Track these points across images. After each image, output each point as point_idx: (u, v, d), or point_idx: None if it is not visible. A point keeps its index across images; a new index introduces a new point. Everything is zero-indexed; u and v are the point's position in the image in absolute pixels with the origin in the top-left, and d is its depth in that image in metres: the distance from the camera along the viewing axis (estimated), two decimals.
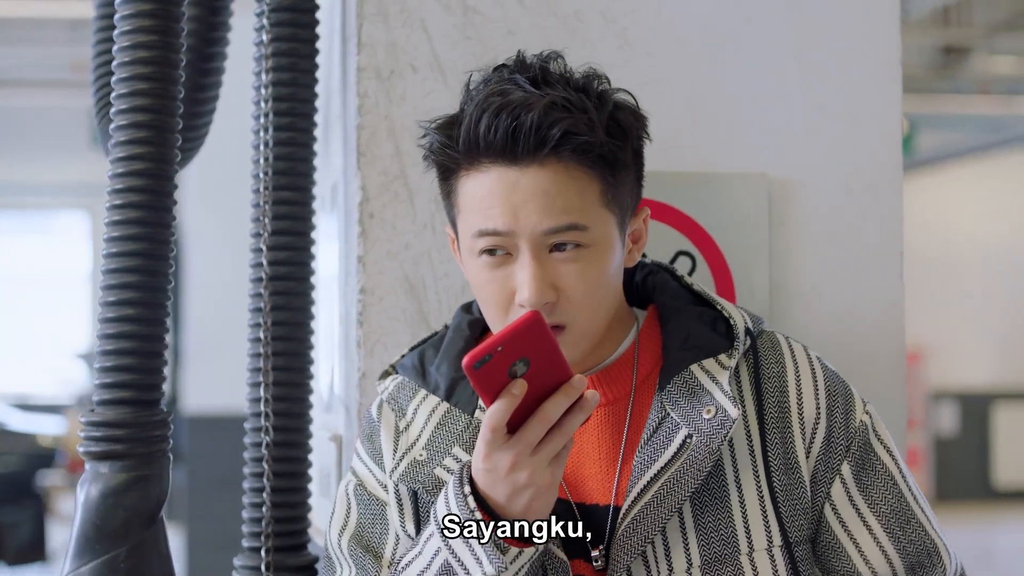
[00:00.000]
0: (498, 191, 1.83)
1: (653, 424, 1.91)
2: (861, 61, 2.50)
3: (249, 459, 2.44)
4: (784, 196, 2.44)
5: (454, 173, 1.89)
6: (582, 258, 1.86)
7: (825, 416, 1.94)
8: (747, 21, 2.46)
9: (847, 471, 1.93)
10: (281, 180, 2.40)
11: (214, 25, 2.61)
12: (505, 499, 1.73)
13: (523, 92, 1.83)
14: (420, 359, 2.04)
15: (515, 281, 1.85)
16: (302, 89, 2.42)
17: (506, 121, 1.81)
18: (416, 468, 1.93)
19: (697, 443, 1.86)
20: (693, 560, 1.87)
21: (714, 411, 1.87)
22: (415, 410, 2.00)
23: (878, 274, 2.49)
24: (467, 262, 1.92)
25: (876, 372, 2.47)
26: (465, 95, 1.90)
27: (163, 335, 2.25)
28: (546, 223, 1.83)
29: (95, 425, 2.21)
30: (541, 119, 1.80)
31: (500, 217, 1.83)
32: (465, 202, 1.88)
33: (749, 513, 1.89)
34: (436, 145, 1.89)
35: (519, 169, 1.83)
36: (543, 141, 1.81)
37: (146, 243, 2.22)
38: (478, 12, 2.38)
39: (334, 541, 2.02)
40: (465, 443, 1.94)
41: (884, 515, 1.93)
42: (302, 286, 2.42)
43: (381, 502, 2.00)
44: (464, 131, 1.84)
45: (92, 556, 2.18)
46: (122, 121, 2.22)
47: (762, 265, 2.41)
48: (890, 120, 2.50)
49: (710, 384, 1.91)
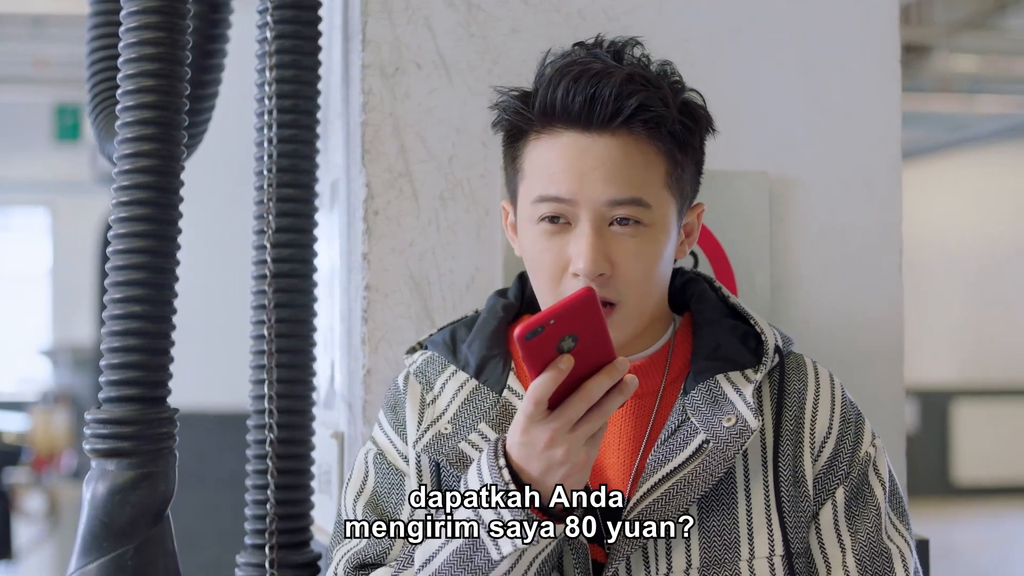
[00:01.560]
0: (566, 156, 1.86)
1: (672, 426, 1.93)
2: (860, 60, 2.52)
3: (252, 456, 2.43)
4: (785, 194, 2.45)
5: (523, 136, 1.92)
6: (640, 236, 1.88)
7: (835, 439, 1.97)
8: (748, 21, 2.48)
9: (840, 496, 1.96)
10: (284, 178, 2.40)
11: (215, 22, 2.61)
12: (539, 474, 1.73)
13: (602, 63, 1.87)
14: (451, 336, 2.06)
15: (571, 251, 1.87)
16: (305, 87, 2.42)
17: (585, 88, 1.84)
18: (440, 440, 1.94)
19: (713, 449, 1.88)
20: (693, 561, 1.88)
21: (734, 420, 1.90)
22: (443, 384, 2.01)
23: (877, 270, 2.51)
24: (524, 230, 1.93)
25: (875, 367, 2.49)
26: (541, 66, 1.93)
27: (169, 332, 2.25)
28: (610, 193, 1.85)
29: (101, 423, 2.21)
30: (620, 89, 1.84)
31: (565, 183, 1.86)
32: (531, 166, 1.90)
33: (754, 520, 1.91)
34: (510, 107, 1.92)
35: (590, 137, 1.86)
36: (619, 111, 1.84)
37: (153, 240, 2.22)
38: (482, 9, 2.38)
39: (349, 506, 2.02)
40: (492, 420, 1.95)
41: (860, 544, 1.95)
42: (305, 283, 2.42)
43: (400, 472, 2.00)
44: (541, 95, 1.87)
45: (99, 553, 2.18)
46: (129, 118, 2.22)
47: (763, 262, 2.43)
48: (889, 119, 2.53)
49: (733, 395, 1.93)
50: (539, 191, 1.88)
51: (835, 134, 2.50)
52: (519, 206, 1.94)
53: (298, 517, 2.42)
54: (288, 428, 2.40)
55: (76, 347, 11.91)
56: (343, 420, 2.51)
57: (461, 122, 2.37)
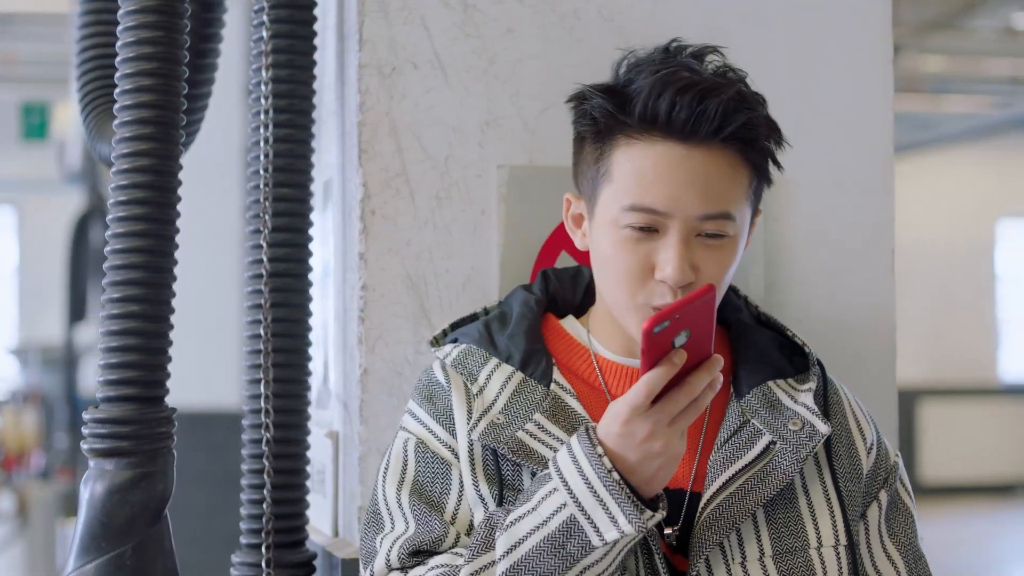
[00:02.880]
0: (663, 167, 1.89)
1: (732, 426, 1.99)
2: (853, 61, 2.53)
3: (248, 456, 2.44)
4: (778, 193, 2.46)
5: (611, 137, 1.93)
6: (724, 246, 1.93)
7: (876, 446, 2.08)
8: (740, 22, 2.49)
9: (883, 499, 2.06)
10: (280, 177, 2.40)
11: (209, 21, 2.61)
12: (635, 464, 1.77)
13: (704, 76, 1.90)
14: (486, 329, 2.07)
15: (657, 257, 1.90)
16: (301, 87, 2.43)
17: (692, 102, 1.87)
18: (496, 430, 1.95)
19: (782, 450, 1.95)
20: (765, 550, 1.94)
21: (801, 424, 1.97)
22: (488, 376, 2.02)
23: (869, 269, 2.53)
24: (604, 231, 1.95)
25: (867, 366, 2.51)
26: (626, 67, 1.95)
27: (167, 332, 2.25)
28: (703, 208, 1.89)
29: (100, 422, 2.20)
30: (727, 106, 1.87)
31: (660, 195, 1.89)
32: (622, 171, 1.92)
33: (817, 513, 1.98)
34: (603, 108, 1.93)
35: (686, 149, 1.89)
36: (722, 127, 1.88)
37: (151, 240, 2.21)
38: (478, 9, 2.39)
39: (391, 495, 2.00)
40: (546, 411, 1.97)
41: (903, 546, 2.06)
42: (301, 283, 2.43)
43: (445, 461, 1.99)
44: (643, 102, 1.88)
45: (98, 553, 2.18)
46: (127, 117, 2.22)
47: (757, 261, 2.44)
48: (881, 119, 2.54)
49: (789, 401, 2.01)
50: (632, 199, 1.90)
51: (828, 134, 2.51)
52: (600, 206, 1.96)
53: (294, 516, 2.42)
54: (284, 428, 2.40)
55: (45, 346, 11.88)
56: (337, 419, 2.52)
57: (457, 122, 2.37)
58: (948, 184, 15.12)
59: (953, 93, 13.51)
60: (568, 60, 2.38)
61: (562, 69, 2.37)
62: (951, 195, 15.20)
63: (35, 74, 13.03)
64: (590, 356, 2.05)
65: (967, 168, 15.52)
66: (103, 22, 2.66)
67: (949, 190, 15.14)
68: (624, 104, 1.91)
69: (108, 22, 2.66)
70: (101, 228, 9.04)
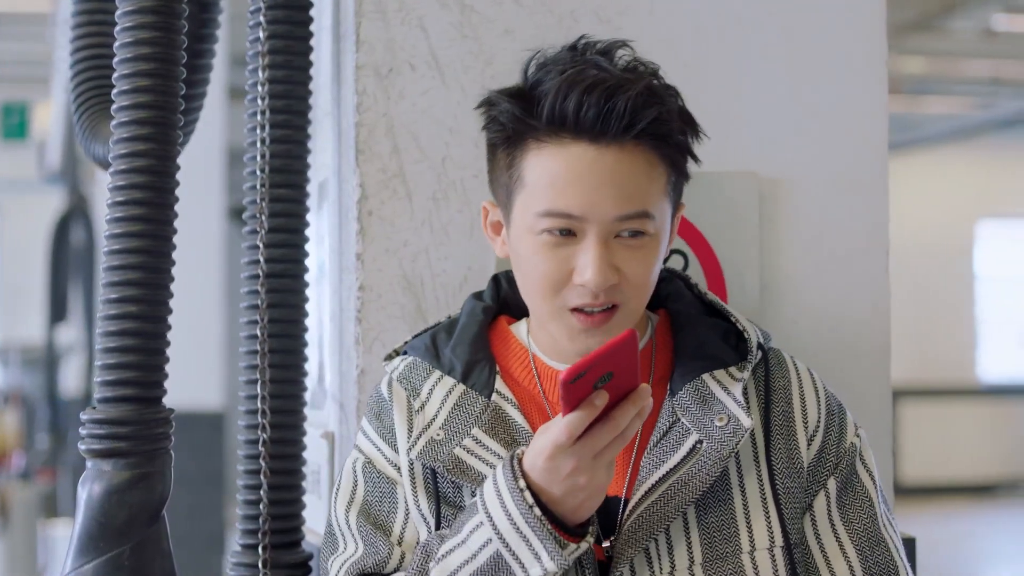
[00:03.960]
0: (575, 170, 1.85)
1: (663, 428, 1.94)
2: (848, 62, 2.54)
3: (244, 456, 2.43)
4: (773, 194, 2.47)
5: (521, 144, 1.90)
6: (644, 245, 1.89)
7: (822, 431, 2.00)
8: (736, 22, 2.49)
9: (832, 487, 1.98)
10: (276, 178, 2.40)
11: (204, 22, 2.61)
12: (559, 497, 1.75)
13: (610, 73, 1.85)
14: (432, 341, 2.05)
15: (576, 262, 1.87)
16: (297, 87, 2.43)
17: (599, 100, 1.82)
18: (434, 447, 1.94)
19: (707, 449, 1.90)
20: (695, 557, 1.90)
21: (726, 419, 1.91)
22: (430, 390, 2.00)
23: (864, 270, 2.53)
24: (521, 238, 1.92)
25: (862, 366, 2.52)
26: (535, 68, 1.91)
27: (165, 332, 2.24)
28: (620, 209, 1.85)
29: (98, 423, 2.20)
30: (636, 102, 1.83)
31: (575, 199, 1.85)
32: (534, 176, 1.88)
33: (752, 514, 1.93)
34: (510, 112, 1.89)
35: (598, 149, 1.85)
36: (632, 124, 1.83)
37: (148, 240, 2.21)
38: (475, 11, 2.39)
39: (340, 516, 2.01)
40: (484, 425, 1.95)
41: (857, 533, 1.97)
42: (297, 283, 2.43)
43: (391, 480, 1.99)
44: (551, 104, 1.84)
45: (96, 554, 2.17)
46: (125, 117, 2.21)
47: (752, 262, 2.45)
48: (876, 120, 2.55)
49: (722, 394, 1.95)
50: (546, 205, 1.86)
51: (823, 135, 2.52)
52: (515, 213, 1.92)
53: (290, 517, 2.42)
54: (280, 428, 2.40)
55: (26, 347, 11.85)
56: (333, 420, 2.52)
57: (454, 123, 2.38)
58: (928, 185, 15.15)
59: (933, 94, 13.54)
60: None
61: None
62: (931, 196, 15.24)
63: (15, 74, 13.00)
64: (528, 361, 2.03)
65: (947, 169, 15.56)
66: (97, 22, 2.67)
67: (929, 191, 15.17)
68: (531, 107, 1.87)
69: (102, 22, 2.67)
70: (82, 228, 9.03)
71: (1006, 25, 11.22)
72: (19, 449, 10.48)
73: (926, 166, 14.99)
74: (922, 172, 14.92)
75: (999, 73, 12.64)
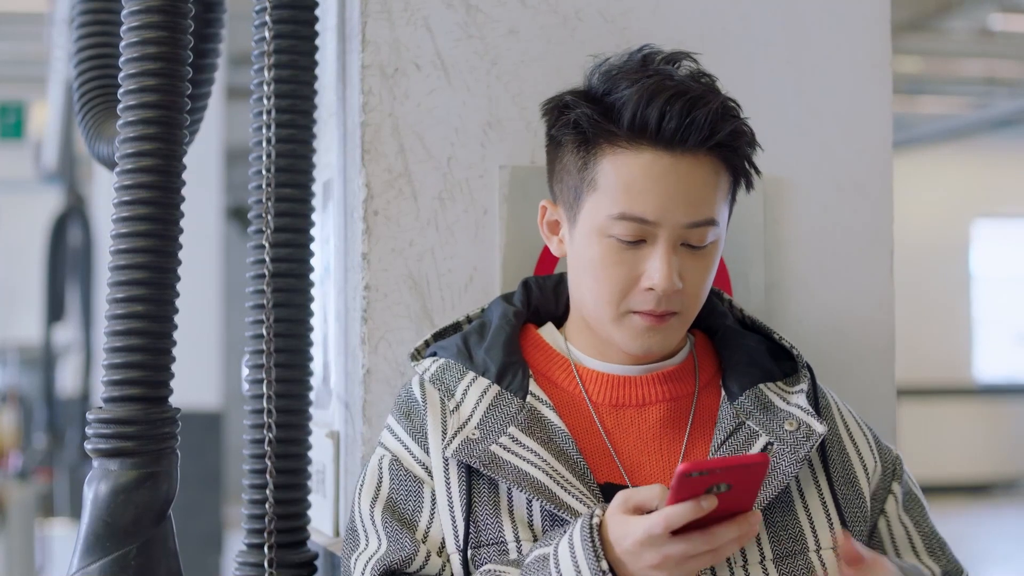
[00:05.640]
0: (651, 176, 1.90)
1: (727, 428, 1.99)
2: (852, 63, 2.55)
3: (249, 456, 2.43)
4: (778, 195, 2.48)
5: (596, 147, 1.94)
6: (707, 253, 1.96)
7: (875, 446, 2.09)
8: (741, 23, 2.50)
9: (897, 490, 2.07)
10: (282, 177, 2.40)
11: (209, 21, 2.61)
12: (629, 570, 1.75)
13: (689, 84, 1.91)
14: (464, 342, 2.08)
15: (645, 266, 1.92)
16: (303, 87, 2.43)
17: (681, 112, 1.88)
18: (470, 446, 1.96)
19: (779, 451, 1.95)
20: (765, 554, 1.94)
21: (796, 425, 1.97)
22: (464, 391, 2.03)
23: (869, 270, 2.54)
24: (589, 239, 1.95)
25: (867, 366, 2.53)
26: (601, 76, 1.96)
27: (171, 332, 2.24)
28: (691, 216, 1.91)
29: (104, 422, 2.19)
30: (715, 116, 1.89)
31: (649, 204, 1.90)
32: (608, 180, 1.92)
33: (814, 515, 1.98)
34: (590, 117, 1.93)
35: (673, 157, 1.90)
36: (710, 136, 1.89)
37: (155, 240, 2.21)
38: (480, 11, 2.39)
39: (365, 512, 2.02)
40: (520, 424, 1.98)
41: (925, 535, 2.08)
42: (303, 283, 2.43)
43: (417, 479, 2.01)
44: (632, 111, 1.89)
45: (102, 553, 2.17)
46: (131, 117, 2.21)
47: (757, 262, 2.46)
48: (880, 121, 2.56)
49: (781, 403, 2.01)
50: (621, 208, 1.91)
51: (828, 135, 2.53)
52: (584, 214, 1.96)
53: (296, 516, 2.42)
54: (286, 428, 2.40)
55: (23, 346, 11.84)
56: (338, 419, 2.52)
57: (460, 122, 2.38)
58: (924, 185, 15.15)
59: (929, 94, 13.55)
60: (570, 61, 2.38)
61: (564, 70, 2.37)
62: (927, 196, 15.24)
63: (11, 73, 12.98)
64: (570, 365, 2.06)
65: (943, 169, 15.57)
66: (101, 22, 2.66)
67: (925, 191, 15.17)
68: (610, 113, 1.92)
69: (106, 22, 2.66)
70: (79, 228, 9.02)
71: (1002, 25, 11.23)
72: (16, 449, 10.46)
73: (922, 166, 14.99)
74: (918, 172, 14.92)
75: (995, 73, 12.65)
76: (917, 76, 12.59)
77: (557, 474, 1.92)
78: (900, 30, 11.11)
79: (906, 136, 13.78)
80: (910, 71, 12.27)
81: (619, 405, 2.02)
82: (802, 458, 1.94)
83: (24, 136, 12.93)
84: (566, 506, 1.90)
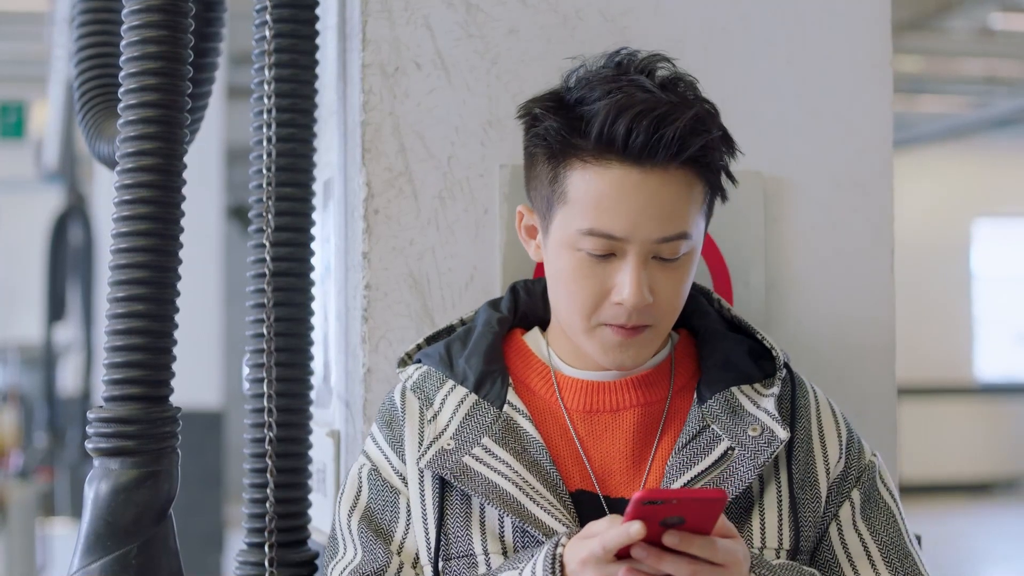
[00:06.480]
0: (620, 191, 1.87)
1: (691, 431, 1.97)
2: (852, 62, 2.55)
3: (250, 455, 2.43)
4: (778, 194, 2.48)
5: (565, 160, 1.91)
6: (680, 265, 1.93)
7: (845, 449, 2.05)
8: (742, 22, 2.50)
9: (856, 497, 2.03)
10: (283, 176, 2.40)
11: (210, 20, 2.61)
12: None
13: (659, 98, 1.87)
14: (447, 350, 2.07)
15: (615, 280, 1.90)
16: (303, 86, 2.43)
17: (648, 128, 1.84)
18: (444, 456, 1.96)
19: (740, 456, 1.93)
20: None
21: (760, 430, 1.95)
22: (443, 400, 2.02)
23: (869, 269, 2.54)
24: (560, 252, 1.94)
25: (867, 365, 2.52)
26: (576, 81, 1.94)
27: (172, 331, 2.24)
28: (661, 231, 1.88)
29: (105, 421, 2.20)
30: (685, 131, 1.85)
31: (618, 221, 1.87)
32: (578, 193, 1.90)
33: (766, 515, 1.96)
34: (557, 132, 1.91)
35: (643, 172, 1.87)
36: (680, 152, 1.86)
37: (155, 239, 2.21)
38: (481, 10, 2.40)
39: (343, 521, 2.04)
40: (495, 435, 1.97)
41: (884, 544, 2.02)
42: (303, 282, 2.43)
43: (395, 489, 2.02)
44: (599, 127, 1.86)
45: (103, 552, 2.17)
46: (131, 116, 2.21)
47: (758, 261, 2.45)
48: (880, 120, 2.56)
49: (751, 407, 1.99)
50: (589, 224, 1.89)
51: (828, 134, 2.53)
52: (555, 226, 1.94)
53: (296, 515, 2.42)
54: (287, 427, 2.40)
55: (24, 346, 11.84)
56: (339, 418, 2.52)
57: (460, 121, 2.38)
58: (924, 184, 15.14)
59: (929, 93, 13.54)
60: (570, 61, 2.38)
61: (564, 70, 2.36)
62: (927, 195, 15.23)
63: (12, 73, 12.97)
64: (549, 373, 2.05)
65: (943, 168, 15.56)
66: (102, 21, 2.67)
67: (925, 190, 15.16)
68: (578, 126, 1.90)
69: (107, 21, 2.67)
70: (80, 227, 9.02)
71: (1002, 24, 11.22)
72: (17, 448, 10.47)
73: (922, 165, 14.98)
74: (918, 171, 14.91)
75: (995, 72, 12.64)
76: (917, 75, 12.58)
77: (528, 485, 1.92)
78: (900, 29, 11.10)
79: (906, 135, 13.78)
80: (910, 70, 12.26)
81: (593, 411, 2.01)
82: (760, 464, 1.92)
83: (25, 135, 12.93)
84: (535, 520, 1.90)
